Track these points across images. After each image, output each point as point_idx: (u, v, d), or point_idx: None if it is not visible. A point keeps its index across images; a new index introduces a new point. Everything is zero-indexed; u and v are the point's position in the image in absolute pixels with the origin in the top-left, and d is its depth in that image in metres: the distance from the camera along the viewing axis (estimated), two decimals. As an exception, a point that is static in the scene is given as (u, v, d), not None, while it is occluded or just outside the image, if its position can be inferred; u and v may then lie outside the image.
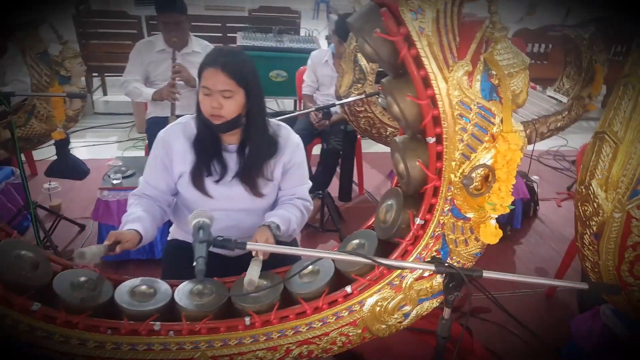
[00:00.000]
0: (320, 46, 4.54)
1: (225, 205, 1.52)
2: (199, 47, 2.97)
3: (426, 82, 1.06)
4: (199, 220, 1.03)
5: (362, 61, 2.73)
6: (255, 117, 1.45)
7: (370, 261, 1.10)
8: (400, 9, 0.98)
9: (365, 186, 3.56)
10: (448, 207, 1.20)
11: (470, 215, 1.22)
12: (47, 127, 2.48)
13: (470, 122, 1.11)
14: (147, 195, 1.53)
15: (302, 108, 3.56)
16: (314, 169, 3.24)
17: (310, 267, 1.33)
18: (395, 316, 1.31)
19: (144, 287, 1.26)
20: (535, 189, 3.23)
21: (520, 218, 2.99)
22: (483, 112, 1.11)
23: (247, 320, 1.24)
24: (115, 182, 2.42)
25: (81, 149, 3.95)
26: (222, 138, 1.50)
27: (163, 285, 1.30)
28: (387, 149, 3.59)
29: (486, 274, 1.08)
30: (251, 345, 1.26)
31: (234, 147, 1.51)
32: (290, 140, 1.57)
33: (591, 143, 1.33)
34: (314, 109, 2.71)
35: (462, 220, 1.22)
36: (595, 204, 1.29)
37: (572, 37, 3.37)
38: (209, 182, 1.50)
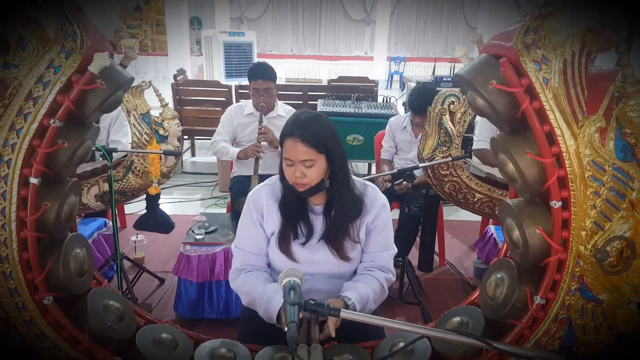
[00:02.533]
0: (398, 112, 4.56)
1: (311, 269, 1.44)
2: (283, 112, 3.08)
3: (551, 139, 0.94)
4: (290, 279, 0.95)
5: (448, 124, 2.64)
6: (339, 178, 1.41)
7: (482, 344, 0.93)
8: (521, 59, 0.90)
9: (446, 257, 3.32)
10: (576, 286, 1.01)
11: (603, 297, 1.02)
12: (142, 182, 2.63)
13: (604, 185, 0.95)
14: (252, 265, 1.48)
15: (379, 172, 3.50)
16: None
17: (402, 344, 1.17)
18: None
19: (223, 350, 1.18)
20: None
21: None
22: (619, 175, 0.96)
23: (332, 401, 1.09)
24: (198, 237, 2.45)
25: (167, 204, 4.15)
26: (308, 199, 1.47)
27: (243, 350, 1.21)
28: (471, 217, 3.41)
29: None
30: None
31: (320, 208, 1.47)
32: (377, 200, 1.49)
33: None
34: (395, 170, 2.63)
35: (592, 303, 1.02)
36: None
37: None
38: (295, 246, 1.45)
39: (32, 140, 1.01)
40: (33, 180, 1.03)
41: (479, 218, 3.38)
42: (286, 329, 0.85)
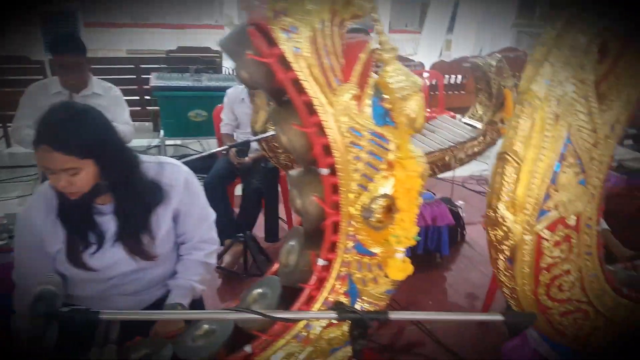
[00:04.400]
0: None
1: (116, 272, 1.33)
2: (100, 89, 2.76)
3: (310, 108, 0.96)
4: (39, 289, 0.83)
5: (276, 96, 2.65)
6: (118, 176, 1.24)
7: (259, 315, 0.94)
8: (272, 28, 0.89)
9: (294, 224, 3.42)
10: (352, 244, 1.09)
11: (376, 250, 1.11)
12: None
13: (363, 149, 1.01)
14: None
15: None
16: (237, 211, 3.07)
17: (205, 327, 1.15)
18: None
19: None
20: (461, 213, 3.25)
21: (447, 244, 2.97)
22: (376, 139, 1.03)
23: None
24: (-2, 243, 2.09)
25: (-26, 206, 3.50)
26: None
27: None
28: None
29: (393, 315, 0.95)
30: None
31: (108, 207, 1.30)
32: (176, 180, 1.38)
33: (495, 165, 1.29)
34: (227, 146, 2.57)
35: (368, 257, 1.11)
36: (505, 228, 1.23)
37: (481, 65, 3.54)
38: (87, 255, 1.29)
39: None
40: None
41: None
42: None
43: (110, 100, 2.72)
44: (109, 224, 1.30)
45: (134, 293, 1.41)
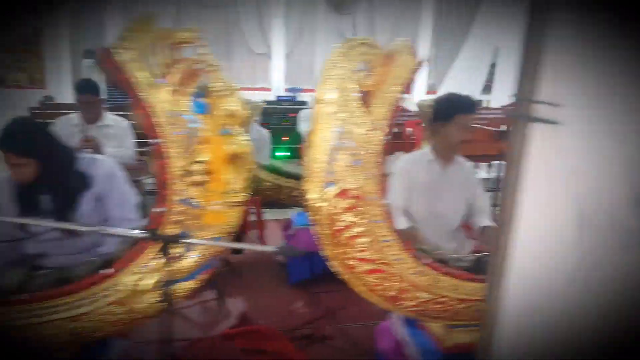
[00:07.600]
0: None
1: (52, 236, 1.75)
2: (111, 121, 3.45)
3: (139, 95, 1.48)
4: None
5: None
6: (54, 169, 1.71)
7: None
8: (112, 51, 1.45)
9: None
10: (180, 198, 1.54)
11: (198, 203, 1.56)
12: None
13: (183, 128, 1.51)
14: None
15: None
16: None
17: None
18: (153, 295, 1.57)
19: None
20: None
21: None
22: (193, 121, 1.52)
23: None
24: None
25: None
26: None
27: None
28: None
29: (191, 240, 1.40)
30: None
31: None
32: (102, 171, 1.82)
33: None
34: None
35: (193, 208, 1.56)
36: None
37: None
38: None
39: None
40: None
41: None
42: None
43: (118, 130, 3.42)
44: (46, 200, 1.75)
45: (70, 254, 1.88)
